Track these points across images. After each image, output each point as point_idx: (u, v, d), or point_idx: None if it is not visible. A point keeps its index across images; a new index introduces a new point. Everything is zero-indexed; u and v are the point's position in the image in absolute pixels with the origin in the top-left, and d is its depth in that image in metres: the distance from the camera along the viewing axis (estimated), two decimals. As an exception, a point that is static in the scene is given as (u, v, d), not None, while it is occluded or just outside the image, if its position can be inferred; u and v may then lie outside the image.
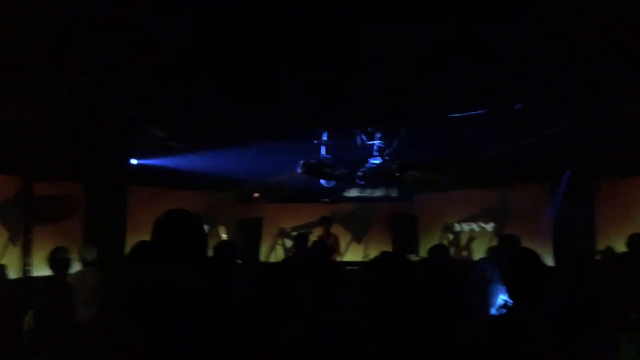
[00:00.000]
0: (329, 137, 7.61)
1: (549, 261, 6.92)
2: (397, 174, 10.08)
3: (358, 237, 11.69)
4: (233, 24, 4.24)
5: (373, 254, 8.05)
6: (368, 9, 3.98)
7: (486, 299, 5.32)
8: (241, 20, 4.16)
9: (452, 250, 10.34)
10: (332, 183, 7.63)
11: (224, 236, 9.02)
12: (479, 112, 6.40)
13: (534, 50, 4.75)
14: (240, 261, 10.30)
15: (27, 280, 7.58)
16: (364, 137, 7.60)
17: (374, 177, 11.00)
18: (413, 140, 7.92)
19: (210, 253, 4.94)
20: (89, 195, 8.60)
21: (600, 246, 7.92)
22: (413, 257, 10.91)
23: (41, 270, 7.47)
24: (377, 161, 7.48)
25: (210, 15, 4.06)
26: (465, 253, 10.71)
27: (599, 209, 8.81)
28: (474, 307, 4.90)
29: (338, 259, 8.84)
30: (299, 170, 9.82)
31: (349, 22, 4.19)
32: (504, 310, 4.81)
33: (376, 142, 7.47)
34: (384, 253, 2.94)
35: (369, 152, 7.89)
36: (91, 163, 8.03)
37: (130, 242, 8.43)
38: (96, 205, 8.54)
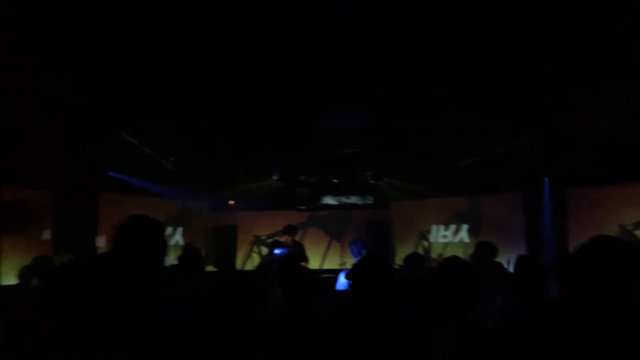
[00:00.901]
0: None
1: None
2: (372, 182, 10.13)
3: (337, 241, 11.67)
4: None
5: (350, 261, 8.02)
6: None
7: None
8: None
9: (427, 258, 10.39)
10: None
11: None
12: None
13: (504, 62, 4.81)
14: (216, 269, 10.25)
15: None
16: None
17: (350, 185, 11.05)
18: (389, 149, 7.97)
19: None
20: (58, 203, 8.41)
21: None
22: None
23: (9, 279, 7.27)
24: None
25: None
26: (440, 261, 10.73)
27: (571, 217, 8.95)
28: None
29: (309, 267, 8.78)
30: (274, 178, 9.80)
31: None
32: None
33: None
34: (367, 256, 2.95)
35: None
36: (61, 170, 7.86)
37: (102, 250, 8.31)
38: (65, 213, 8.35)
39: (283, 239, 8.28)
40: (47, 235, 8.14)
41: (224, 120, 6.70)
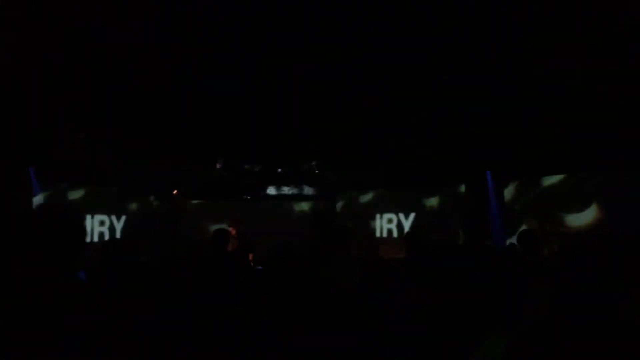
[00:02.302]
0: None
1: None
2: (317, 172, 10.13)
3: (282, 231, 11.57)
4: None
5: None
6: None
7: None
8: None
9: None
10: None
11: None
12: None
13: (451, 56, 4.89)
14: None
15: None
16: None
17: (296, 175, 11.03)
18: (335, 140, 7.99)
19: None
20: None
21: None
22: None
23: None
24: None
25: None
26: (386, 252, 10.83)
27: (510, 208, 9.24)
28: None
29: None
30: (218, 167, 9.66)
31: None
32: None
33: None
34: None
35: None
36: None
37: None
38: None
39: (232, 231, 8.17)
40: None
41: (167, 110, 6.55)
